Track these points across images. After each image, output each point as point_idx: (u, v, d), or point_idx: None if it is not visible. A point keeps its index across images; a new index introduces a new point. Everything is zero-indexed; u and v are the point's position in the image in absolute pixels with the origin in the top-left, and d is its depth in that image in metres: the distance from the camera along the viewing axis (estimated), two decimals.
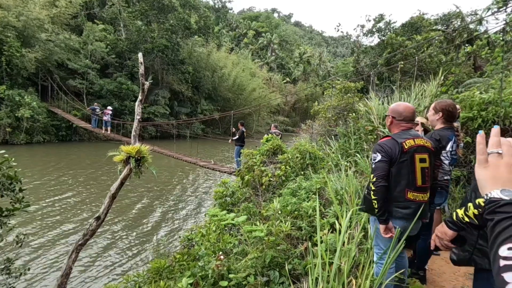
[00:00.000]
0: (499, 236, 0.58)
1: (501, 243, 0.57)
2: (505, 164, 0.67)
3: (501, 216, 0.60)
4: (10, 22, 20.08)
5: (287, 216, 3.23)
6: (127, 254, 7.01)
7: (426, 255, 2.81)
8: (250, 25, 61.78)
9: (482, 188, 0.70)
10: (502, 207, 0.62)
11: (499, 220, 0.60)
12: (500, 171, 0.67)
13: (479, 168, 0.71)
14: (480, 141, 0.72)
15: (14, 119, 19.70)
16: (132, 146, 4.39)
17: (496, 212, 0.62)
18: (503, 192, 0.64)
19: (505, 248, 0.56)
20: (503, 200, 0.63)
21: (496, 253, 0.57)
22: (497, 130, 0.71)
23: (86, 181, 12.83)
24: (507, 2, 11.69)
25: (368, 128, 5.42)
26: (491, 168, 0.69)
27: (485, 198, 0.67)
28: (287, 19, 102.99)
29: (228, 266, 2.48)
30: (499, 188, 0.65)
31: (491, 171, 0.68)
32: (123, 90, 26.07)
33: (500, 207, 0.62)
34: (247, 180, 5.35)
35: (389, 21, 19.76)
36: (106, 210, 4.30)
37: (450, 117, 2.70)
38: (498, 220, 0.61)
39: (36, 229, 7.77)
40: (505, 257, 0.55)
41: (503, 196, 0.64)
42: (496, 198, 0.64)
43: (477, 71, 11.42)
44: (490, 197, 0.65)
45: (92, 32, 26.17)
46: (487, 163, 0.69)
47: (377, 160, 2.08)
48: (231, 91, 35.95)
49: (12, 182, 3.45)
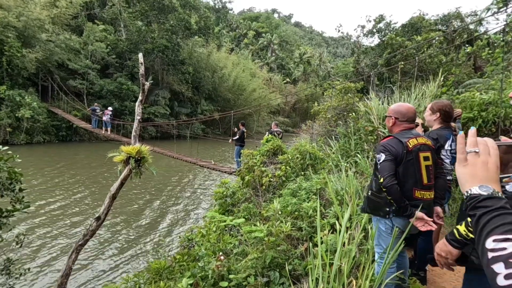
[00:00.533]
0: (483, 229, 0.62)
1: (486, 236, 0.61)
2: (481, 162, 0.72)
3: (482, 211, 0.65)
4: (11, 23, 20.09)
5: (287, 217, 3.22)
6: (127, 254, 7.01)
7: (427, 255, 2.80)
8: (250, 26, 61.82)
9: (462, 185, 0.74)
10: (481, 202, 0.67)
11: (481, 214, 0.65)
12: (477, 169, 0.72)
13: (459, 167, 0.76)
14: (460, 141, 0.76)
15: (14, 119, 19.71)
16: (132, 146, 4.39)
17: (477, 207, 0.67)
18: (481, 188, 0.69)
19: (490, 241, 0.60)
20: (482, 196, 0.68)
21: (484, 246, 0.60)
22: (473, 131, 0.76)
23: (86, 181, 12.83)
24: (507, 2, 11.70)
25: (368, 128, 5.42)
26: (469, 166, 0.73)
27: (465, 195, 0.72)
28: (287, 19, 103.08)
29: (228, 267, 2.48)
30: (477, 184, 0.70)
31: (470, 169, 0.73)
32: (123, 91, 26.08)
33: (480, 202, 0.67)
34: (248, 180, 5.35)
35: (389, 21, 19.78)
36: (106, 211, 4.30)
37: (447, 117, 2.70)
38: (480, 214, 0.65)
39: (36, 229, 7.77)
40: (492, 249, 0.59)
41: (481, 192, 0.68)
42: (475, 194, 0.69)
43: (477, 72, 11.42)
44: (470, 194, 0.70)
45: (93, 32, 26.19)
46: (466, 161, 0.74)
47: (381, 160, 2.05)
48: (231, 91, 35.96)
49: (12, 182, 3.45)
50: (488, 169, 0.71)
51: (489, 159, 0.72)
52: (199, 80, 32.85)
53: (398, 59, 13.77)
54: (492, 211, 0.64)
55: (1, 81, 20.21)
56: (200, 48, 33.98)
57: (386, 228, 2.13)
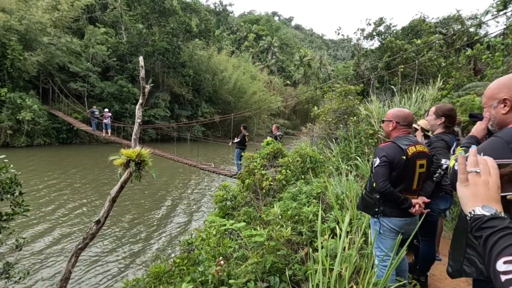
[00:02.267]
0: (492, 251, 0.62)
1: (496, 258, 0.60)
2: (482, 182, 0.73)
3: (488, 232, 0.65)
4: (13, 26, 20.20)
5: (287, 221, 3.21)
6: (126, 258, 6.99)
7: (430, 261, 2.78)
8: (251, 28, 62.03)
9: (464, 206, 0.75)
10: (486, 223, 0.66)
11: (488, 235, 0.65)
12: (479, 189, 0.72)
13: (460, 186, 0.76)
14: (461, 161, 0.76)
15: (15, 122, 19.76)
16: (133, 149, 4.39)
17: (482, 228, 0.67)
18: (484, 208, 0.69)
19: (501, 263, 0.59)
20: (485, 216, 0.68)
21: (495, 269, 0.59)
22: (474, 150, 0.77)
23: (87, 184, 12.82)
24: (507, 5, 11.73)
25: (369, 131, 5.42)
26: (471, 186, 0.74)
27: (469, 216, 0.72)
28: (288, 22, 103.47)
29: (228, 271, 2.47)
30: (479, 205, 0.70)
31: (471, 189, 0.73)
32: (124, 93, 26.14)
33: (484, 222, 0.67)
34: (248, 184, 5.34)
35: (389, 24, 19.84)
36: (106, 214, 4.29)
37: (451, 121, 2.69)
38: (486, 236, 0.65)
39: (36, 232, 7.76)
40: (504, 271, 0.58)
41: (484, 212, 0.68)
42: (479, 215, 0.69)
43: (477, 75, 11.43)
44: (474, 215, 0.70)
45: (94, 35, 26.31)
46: (467, 181, 0.74)
47: (376, 165, 2.12)
48: (231, 94, 36.01)
49: (12, 185, 3.45)
50: (489, 189, 0.71)
51: (490, 179, 0.73)
52: (200, 83, 32.92)
53: (398, 62, 13.79)
54: (498, 231, 0.63)
55: (2, 84, 20.29)
56: (200, 51, 34.10)
57: (383, 230, 2.17)
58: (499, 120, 1.25)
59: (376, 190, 2.11)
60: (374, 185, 2.11)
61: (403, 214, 2.14)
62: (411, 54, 14.13)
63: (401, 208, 2.11)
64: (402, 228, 2.14)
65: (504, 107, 1.21)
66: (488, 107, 1.30)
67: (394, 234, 2.14)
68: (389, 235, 2.16)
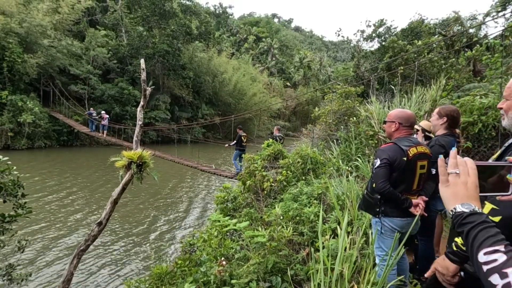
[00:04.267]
0: (473, 244, 0.67)
1: (477, 250, 0.65)
2: (461, 182, 0.78)
3: (469, 227, 0.70)
4: (13, 29, 20.29)
5: (288, 222, 3.23)
6: (128, 259, 7.00)
7: (429, 260, 2.80)
8: (251, 30, 62.19)
9: (447, 205, 0.80)
10: (466, 218, 0.72)
11: (468, 230, 0.70)
12: (458, 189, 0.78)
13: (442, 187, 0.81)
14: (441, 163, 0.82)
15: (16, 124, 19.80)
16: (134, 151, 4.42)
17: (463, 224, 0.72)
18: (463, 206, 0.75)
19: (482, 254, 0.64)
20: (465, 213, 0.73)
21: (477, 261, 0.65)
22: (454, 152, 0.82)
23: (88, 186, 12.84)
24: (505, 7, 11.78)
25: (369, 132, 5.44)
26: (451, 186, 0.79)
27: (451, 214, 0.77)
28: (288, 24, 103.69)
29: (230, 272, 2.49)
30: (459, 203, 0.76)
31: (452, 189, 0.79)
32: (124, 95, 26.20)
33: (464, 218, 0.73)
34: (249, 185, 5.35)
35: (389, 26, 19.90)
36: (107, 216, 4.31)
37: (454, 123, 2.71)
38: (467, 230, 0.70)
39: (38, 234, 7.77)
40: (485, 262, 0.63)
41: (464, 209, 0.74)
42: (459, 212, 0.74)
43: (477, 76, 11.46)
44: (455, 212, 0.75)
45: (94, 38, 26.41)
46: (448, 182, 0.80)
47: (376, 166, 2.15)
48: (231, 95, 36.08)
49: (15, 187, 3.47)
50: (468, 188, 0.77)
51: (469, 179, 0.78)
52: (200, 85, 32.99)
53: (398, 63, 13.84)
54: (477, 225, 0.69)
55: (3, 86, 20.36)
56: (200, 53, 34.19)
57: (384, 230, 2.19)
58: None
59: (375, 190, 2.13)
60: (374, 185, 2.13)
61: (404, 214, 2.16)
62: (412, 55, 14.17)
63: (402, 208, 2.13)
64: (403, 228, 2.17)
65: None
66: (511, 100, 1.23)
67: (395, 234, 2.16)
68: (390, 235, 2.18)
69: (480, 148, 4.52)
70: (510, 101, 1.26)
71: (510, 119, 1.25)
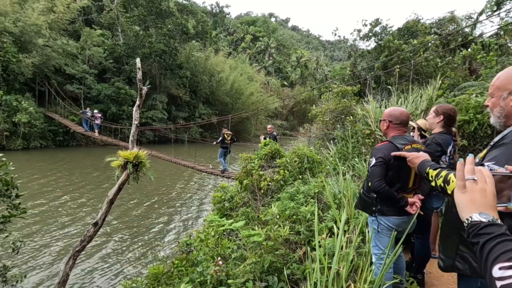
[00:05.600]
0: (488, 257, 0.63)
1: (492, 264, 0.61)
2: (479, 189, 0.74)
3: (485, 238, 0.66)
4: (7, 28, 20.09)
5: (285, 221, 3.22)
6: (124, 260, 6.96)
7: (425, 258, 2.82)
8: (248, 30, 62.13)
9: (461, 212, 0.76)
10: (483, 229, 0.68)
11: (484, 242, 0.66)
12: (476, 196, 0.74)
13: (458, 193, 0.78)
14: (460, 168, 0.78)
15: (11, 125, 19.62)
16: (130, 151, 4.39)
17: (479, 235, 0.68)
18: (481, 215, 0.70)
19: (497, 269, 0.60)
20: (483, 223, 0.69)
21: (491, 275, 0.60)
22: (471, 158, 0.78)
23: (84, 186, 12.76)
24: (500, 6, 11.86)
25: (366, 131, 5.45)
26: (468, 193, 0.75)
27: (466, 223, 0.73)
28: (284, 23, 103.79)
29: (226, 272, 2.48)
30: (476, 211, 0.72)
31: (469, 196, 0.75)
32: (121, 95, 26.06)
33: (481, 229, 0.68)
34: (246, 184, 5.34)
35: (385, 25, 19.96)
36: (103, 216, 4.28)
37: (450, 121, 2.72)
38: (483, 242, 0.66)
39: (33, 235, 7.71)
40: (499, 277, 0.59)
41: (482, 219, 0.70)
42: (476, 221, 0.70)
43: (472, 75, 11.53)
44: (471, 221, 0.71)
45: (90, 37, 26.21)
46: (465, 188, 0.76)
47: (372, 165, 2.15)
48: (229, 95, 36.03)
49: (9, 188, 3.44)
50: (486, 196, 0.73)
51: (486, 187, 0.74)
52: (197, 84, 32.90)
53: (395, 62, 13.87)
54: (494, 237, 0.65)
55: None
56: (197, 52, 34.11)
57: (381, 229, 2.19)
58: (507, 112, 1.21)
59: (371, 189, 2.13)
60: (370, 184, 2.13)
61: (400, 213, 2.16)
62: (408, 54, 14.22)
63: (398, 206, 2.13)
64: (399, 226, 2.17)
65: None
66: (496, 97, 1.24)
67: (392, 233, 2.16)
68: (386, 233, 2.18)
69: (476, 146, 4.54)
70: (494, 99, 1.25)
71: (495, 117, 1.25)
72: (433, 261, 3.05)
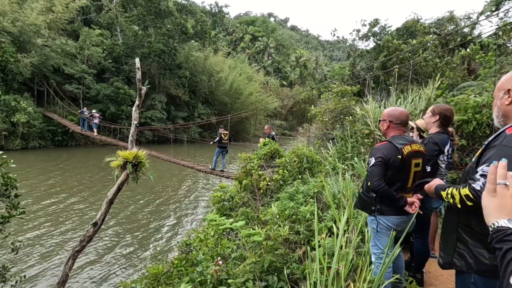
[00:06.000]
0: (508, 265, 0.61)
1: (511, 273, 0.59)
2: (510, 195, 0.72)
3: (510, 245, 0.64)
4: (6, 28, 20.03)
5: (285, 221, 3.23)
6: (124, 260, 6.96)
7: (424, 257, 2.82)
8: (247, 30, 62.09)
9: (488, 216, 0.74)
10: (509, 236, 0.65)
11: (508, 249, 0.64)
12: (506, 201, 0.72)
13: (487, 196, 0.76)
14: (492, 170, 0.76)
15: (9, 125, 19.57)
16: (129, 151, 4.39)
17: (504, 241, 0.66)
18: (510, 221, 0.68)
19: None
20: (510, 229, 0.67)
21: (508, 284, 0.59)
22: (505, 163, 0.76)
23: (83, 186, 12.74)
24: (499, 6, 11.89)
25: (365, 131, 5.46)
26: (498, 197, 0.73)
27: (491, 227, 0.71)
28: (284, 23, 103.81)
29: (226, 271, 2.48)
30: (505, 217, 0.70)
31: (498, 200, 0.73)
32: (120, 95, 26.02)
33: (508, 235, 0.66)
34: (245, 184, 5.34)
35: (384, 25, 19.98)
36: (103, 216, 4.28)
37: (446, 121, 2.73)
38: (507, 249, 0.64)
39: (32, 236, 7.69)
40: None
41: (510, 225, 0.67)
42: (503, 227, 0.68)
43: (471, 75, 11.55)
44: (498, 226, 0.69)
45: (89, 37, 26.16)
46: (495, 192, 0.74)
47: (371, 164, 2.15)
48: (228, 95, 36.01)
49: (8, 188, 3.43)
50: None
51: None
52: (196, 84, 32.87)
53: (394, 62, 13.89)
54: None
55: None
56: (196, 52, 34.08)
57: (380, 228, 2.20)
58: (503, 111, 1.26)
59: (370, 189, 2.14)
60: (369, 184, 2.14)
61: (399, 212, 2.16)
62: (407, 54, 14.23)
63: (397, 206, 2.14)
64: (399, 226, 2.17)
65: (508, 98, 1.23)
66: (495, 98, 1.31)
67: (391, 232, 2.16)
68: (386, 233, 2.19)
69: (475, 146, 4.55)
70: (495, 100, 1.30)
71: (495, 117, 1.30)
72: (432, 260, 3.06)
